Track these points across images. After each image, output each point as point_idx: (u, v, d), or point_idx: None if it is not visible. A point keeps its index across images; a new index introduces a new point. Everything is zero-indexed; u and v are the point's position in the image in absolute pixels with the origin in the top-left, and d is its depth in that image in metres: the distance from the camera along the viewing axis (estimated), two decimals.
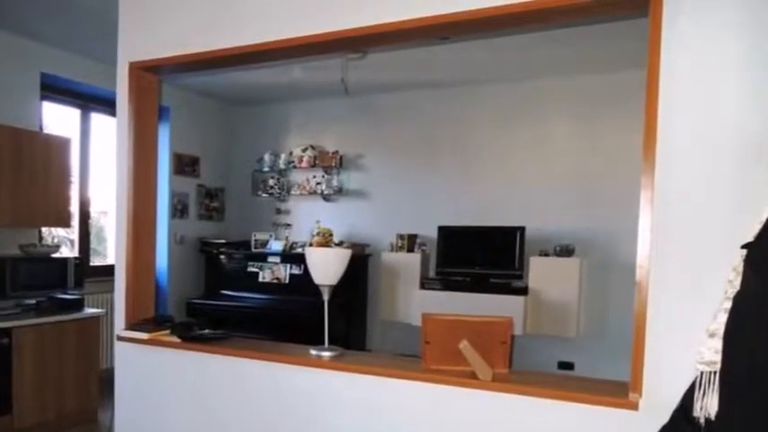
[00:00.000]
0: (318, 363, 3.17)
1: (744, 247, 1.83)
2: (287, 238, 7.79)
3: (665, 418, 1.96)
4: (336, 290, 3.33)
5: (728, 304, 1.83)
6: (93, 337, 5.53)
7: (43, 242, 6.00)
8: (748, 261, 1.80)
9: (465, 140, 7.21)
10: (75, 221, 6.58)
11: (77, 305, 5.49)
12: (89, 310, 5.56)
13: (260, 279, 7.57)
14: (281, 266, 7.49)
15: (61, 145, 5.72)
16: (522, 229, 6.61)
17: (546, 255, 6.59)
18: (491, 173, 7.08)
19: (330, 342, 3.32)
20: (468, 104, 7.20)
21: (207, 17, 3.55)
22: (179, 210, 7.79)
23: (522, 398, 2.68)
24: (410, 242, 7.24)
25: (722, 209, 2.32)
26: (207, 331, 3.69)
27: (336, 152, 7.80)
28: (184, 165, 7.87)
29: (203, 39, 3.53)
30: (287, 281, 7.42)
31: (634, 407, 2.45)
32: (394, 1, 2.96)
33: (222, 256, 7.89)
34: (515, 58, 6.21)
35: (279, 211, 8.29)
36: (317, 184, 7.92)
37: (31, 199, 5.39)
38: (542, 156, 6.83)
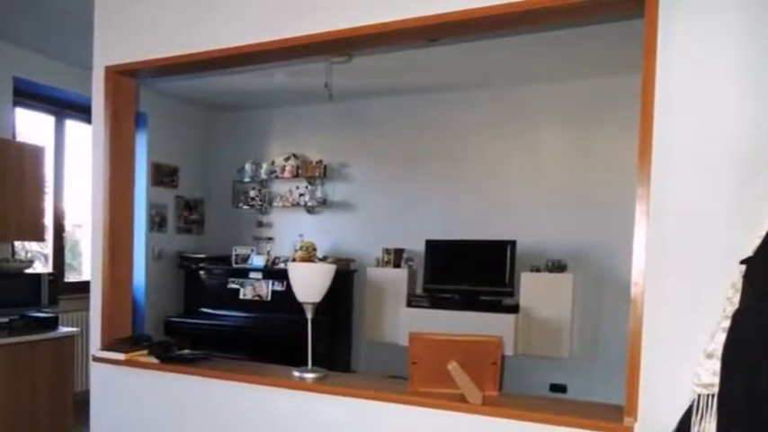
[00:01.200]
0: (301, 385, 3.15)
1: (743, 262, 1.82)
2: (269, 253, 7.76)
3: None
4: (320, 307, 3.32)
5: (727, 323, 1.82)
6: (67, 357, 5.44)
7: (16, 257, 5.94)
8: (747, 277, 1.80)
9: (454, 149, 7.21)
10: (50, 235, 6.51)
11: (52, 324, 5.40)
12: (64, 329, 5.48)
13: (241, 296, 7.53)
14: (263, 283, 7.46)
15: (35, 154, 5.66)
16: (513, 244, 6.59)
17: (537, 270, 6.57)
18: (481, 183, 7.07)
19: (314, 363, 3.30)
20: (458, 111, 7.19)
21: (187, 18, 3.54)
22: (157, 222, 7.74)
23: (513, 422, 2.67)
24: (397, 257, 7.22)
25: (721, 222, 2.31)
26: (186, 352, 3.67)
27: (320, 161, 7.79)
28: (163, 175, 7.83)
29: (183, 41, 3.51)
30: (269, 298, 7.38)
31: None
32: (381, 1, 2.96)
33: (202, 272, 7.84)
34: (506, 62, 6.21)
35: (260, 224, 8.27)
36: (301, 195, 7.89)
37: (2, 211, 5.32)
38: (534, 165, 6.83)
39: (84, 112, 6.31)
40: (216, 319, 7.46)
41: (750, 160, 2.26)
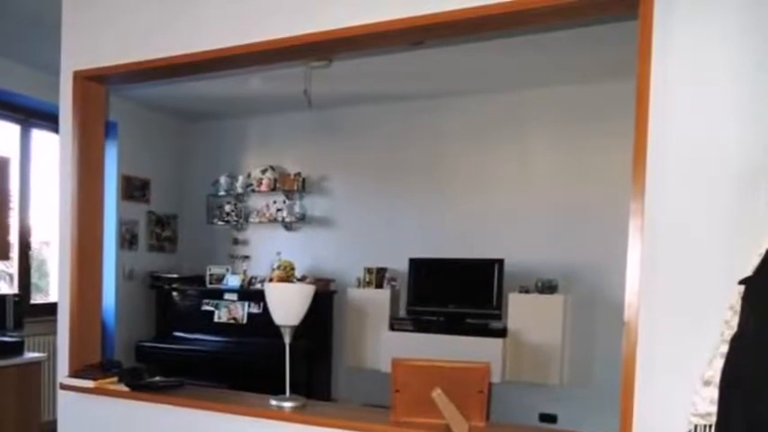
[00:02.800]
0: (279, 414, 3.12)
1: (742, 282, 1.80)
2: (245, 273, 7.71)
3: None
4: (298, 331, 3.30)
5: (725, 348, 1.80)
6: (34, 384, 5.31)
7: None
8: (746, 299, 1.77)
9: (439, 161, 7.18)
10: (15, 253, 6.44)
11: (17, 349, 5.28)
12: (30, 355, 5.38)
13: (215, 319, 7.47)
14: (239, 305, 7.40)
15: None
16: (501, 262, 6.56)
17: (526, 291, 6.53)
18: (468, 197, 7.02)
19: (292, 390, 3.28)
20: (443, 119, 7.16)
21: (160, 21, 3.51)
22: (127, 240, 7.68)
23: None
24: (379, 277, 7.19)
25: (720, 239, 2.30)
26: (158, 379, 3.65)
27: (299, 174, 7.73)
28: (133, 188, 7.77)
29: (156, 44, 3.48)
30: (245, 321, 7.33)
31: None
32: (363, 2, 2.95)
33: (174, 293, 7.78)
34: (494, 67, 6.18)
35: (236, 242, 8.22)
36: (278, 210, 7.84)
37: None
38: (523, 178, 6.80)
39: (52, 121, 6.18)
40: (189, 343, 7.39)
41: (751, 173, 2.24)
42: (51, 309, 4.26)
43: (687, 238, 2.35)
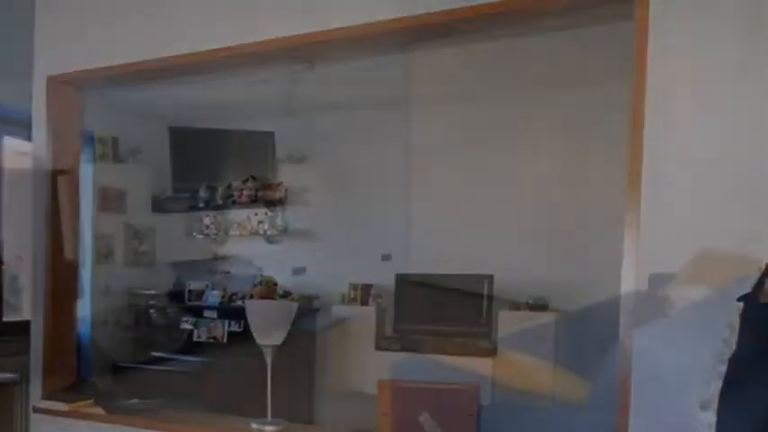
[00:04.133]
0: None
1: (740, 299, 1.79)
2: (225, 289, 7.66)
3: None
4: (280, 351, 3.28)
5: (723, 368, 1.79)
6: (6, 407, 5.27)
7: None
8: (745, 316, 1.77)
9: (427, 172, 7.09)
10: None
11: None
12: (1, 376, 5.34)
13: (195, 338, 7.41)
14: (219, 323, 7.34)
15: None
16: (491, 278, 6.54)
17: (517, 308, 6.51)
18: (456, 210, 6.94)
19: (273, 413, 3.26)
20: (432, 127, 7.06)
21: (138, 23, 3.51)
22: (104, 254, 7.61)
23: None
24: (364, 293, 7.17)
25: (720, 253, 2.27)
26: (135, 401, 3.64)
27: (280, 183, 7.71)
28: (109, 200, 7.71)
29: (134, 47, 3.47)
30: (225, 340, 7.28)
31: None
32: (348, 3, 2.95)
33: (152, 310, 7.70)
34: (482, 72, 6.14)
35: (216, 256, 8.16)
36: (259, 222, 7.80)
37: None
38: (513, 189, 6.74)
39: (25, 129, 6.17)
40: (167, 363, 7.30)
41: (751, 181, 2.23)
42: (24, 327, 4.22)
43: (685, 252, 2.33)
